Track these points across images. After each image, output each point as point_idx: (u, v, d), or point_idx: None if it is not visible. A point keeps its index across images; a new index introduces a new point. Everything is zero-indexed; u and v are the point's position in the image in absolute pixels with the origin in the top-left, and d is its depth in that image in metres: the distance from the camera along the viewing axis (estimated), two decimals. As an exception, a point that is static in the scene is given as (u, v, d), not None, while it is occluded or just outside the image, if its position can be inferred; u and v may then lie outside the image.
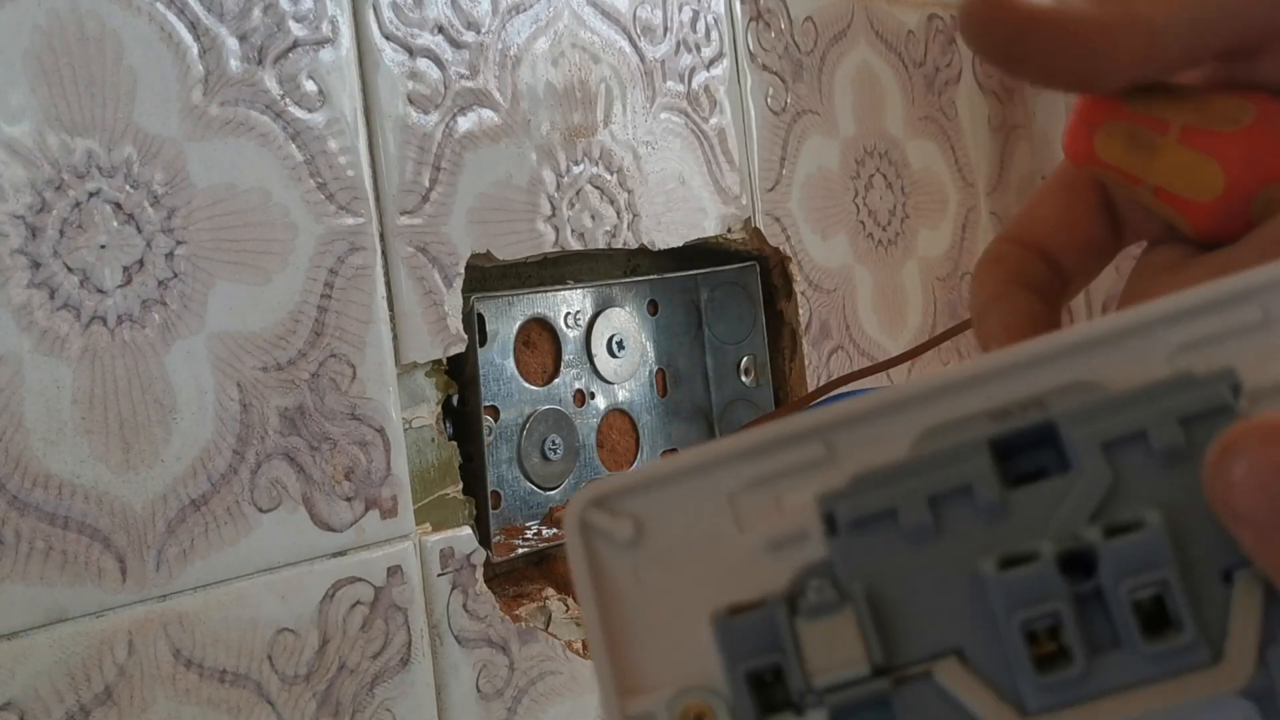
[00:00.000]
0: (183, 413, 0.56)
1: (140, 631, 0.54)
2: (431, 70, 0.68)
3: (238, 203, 0.59)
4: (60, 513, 0.52)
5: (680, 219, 0.82)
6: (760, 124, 0.88)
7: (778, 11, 0.91)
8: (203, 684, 0.56)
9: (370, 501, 0.63)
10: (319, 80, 0.62)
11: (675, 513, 0.26)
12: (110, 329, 0.54)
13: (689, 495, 0.26)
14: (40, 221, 0.52)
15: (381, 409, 0.64)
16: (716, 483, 0.26)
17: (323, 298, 0.62)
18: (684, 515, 0.25)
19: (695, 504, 0.26)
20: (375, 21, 0.65)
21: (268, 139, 0.60)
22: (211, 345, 0.57)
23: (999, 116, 1.13)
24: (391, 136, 0.66)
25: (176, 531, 0.56)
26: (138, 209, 0.55)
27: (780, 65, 0.91)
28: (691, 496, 0.26)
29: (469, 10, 0.70)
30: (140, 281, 0.55)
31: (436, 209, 0.68)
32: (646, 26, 0.81)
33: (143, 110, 0.56)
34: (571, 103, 0.75)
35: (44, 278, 0.52)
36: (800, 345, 0.90)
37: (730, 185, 0.85)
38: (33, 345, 0.52)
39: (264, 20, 0.60)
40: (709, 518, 0.26)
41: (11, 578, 0.50)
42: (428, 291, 0.67)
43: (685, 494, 0.26)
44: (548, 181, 0.74)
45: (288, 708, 0.59)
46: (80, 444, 0.53)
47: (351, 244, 0.63)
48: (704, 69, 0.85)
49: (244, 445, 0.58)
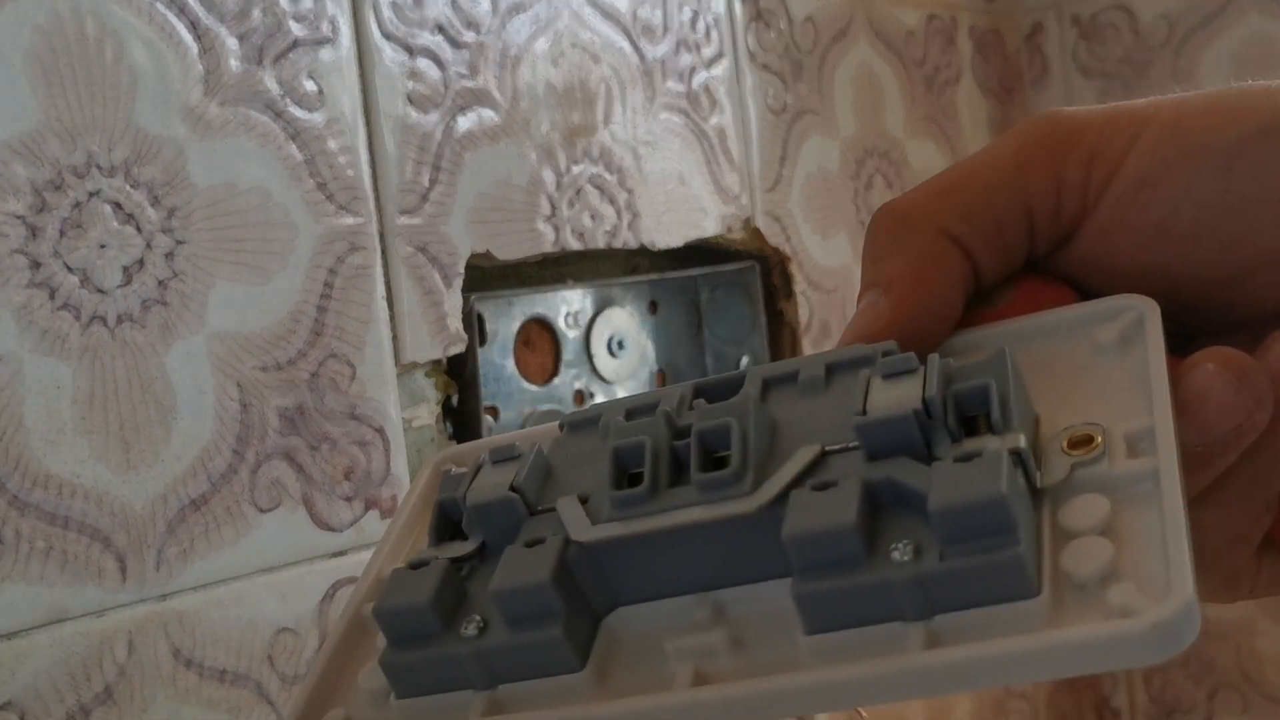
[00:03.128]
0: (183, 413, 0.56)
1: (140, 631, 0.54)
2: (431, 70, 0.68)
3: (237, 202, 0.59)
4: (60, 513, 0.52)
5: (680, 219, 0.82)
6: (760, 124, 0.88)
7: (778, 11, 0.91)
8: (203, 684, 0.56)
9: (370, 501, 0.63)
10: (319, 80, 0.62)
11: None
12: (110, 329, 0.54)
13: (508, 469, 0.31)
14: (40, 221, 0.52)
15: (381, 409, 0.64)
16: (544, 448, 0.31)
17: (322, 298, 0.62)
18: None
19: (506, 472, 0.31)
20: (375, 21, 0.65)
21: (267, 139, 0.60)
22: (211, 345, 0.57)
23: (999, 116, 1.13)
24: (391, 136, 0.66)
25: (176, 531, 0.56)
26: (138, 209, 0.55)
27: (780, 65, 0.91)
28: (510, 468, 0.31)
29: (469, 10, 0.70)
30: (140, 281, 0.55)
31: (436, 209, 0.68)
32: (646, 26, 0.81)
33: (143, 110, 0.56)
34: (571, 102, 0.75)
35: (44, 278, 0.52)
36: (800, 345, 0.90)
37: (730, 185, 0.85)
38: (33, 345, 0.52)
39: (264, 20, 0.60)
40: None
41: (11, 578, 0.50)
42: (428, 291, 0.67)
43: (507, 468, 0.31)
44: (547, 181, 0.74)
45: (288, 708, 0.59)
46: (80, 444, 0.53)
47: (351, 244, 0.63)
48: (704, 69, 0.85)
49: (244, 445, 0.58)
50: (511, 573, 0.26)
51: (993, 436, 0.24)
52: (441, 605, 0.26)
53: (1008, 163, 0.30)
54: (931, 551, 0.23)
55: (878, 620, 0.23)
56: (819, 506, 0.24)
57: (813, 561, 0.24)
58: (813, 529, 0.23)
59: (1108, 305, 0.29)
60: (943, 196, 0.30)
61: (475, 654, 0.26)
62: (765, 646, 0.25)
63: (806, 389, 0.28)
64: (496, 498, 0.27)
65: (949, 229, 0.30)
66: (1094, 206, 0.30)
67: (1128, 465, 0.25)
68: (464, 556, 0.28)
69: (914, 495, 0.24)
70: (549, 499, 0.28)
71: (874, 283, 0.30)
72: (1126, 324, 0.28)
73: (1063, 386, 0.28)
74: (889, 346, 0.28)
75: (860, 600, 0.23)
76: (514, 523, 0.27)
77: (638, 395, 0.30)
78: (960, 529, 0.23)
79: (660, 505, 0.26)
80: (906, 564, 0.23)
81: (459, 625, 0.26)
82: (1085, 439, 0.25)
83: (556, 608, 0.25)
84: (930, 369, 0.25)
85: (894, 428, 0.25)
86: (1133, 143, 0.29)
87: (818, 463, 0.25)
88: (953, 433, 0.25)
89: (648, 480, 0.26)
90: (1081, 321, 0.29)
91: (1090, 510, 0.24)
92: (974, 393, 0.25)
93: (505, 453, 0.28)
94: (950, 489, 0.23)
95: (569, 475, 0.28)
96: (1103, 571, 0.23)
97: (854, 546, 0.23)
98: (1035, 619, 0.22)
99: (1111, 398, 0.27)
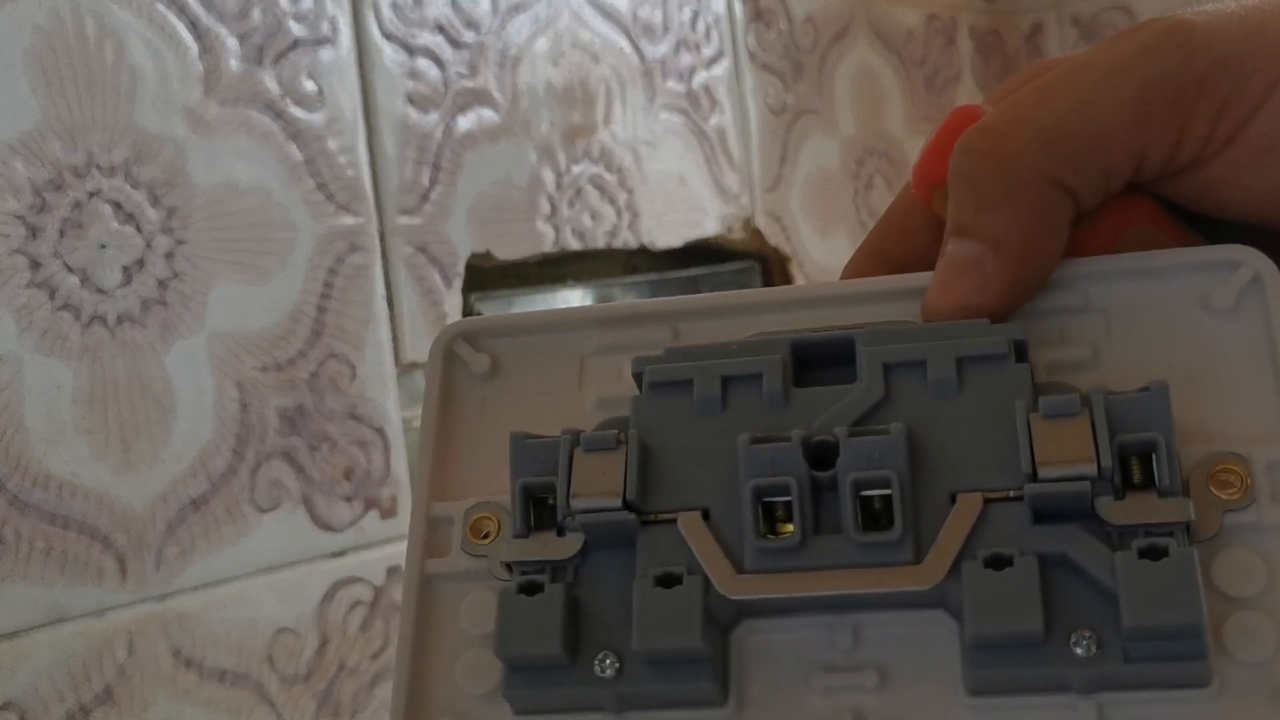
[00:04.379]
0: (182, 413, 0.56)
1: (140, 631, 0.54)
2: (431, 70, 0.68)
3: (237, 202, 0.59)
4: (60, 513, 0.52)
5: (680, 219, 0.82)
6: (760, 124, 0.88)
7: (778, 11, 0.91)
8: (203, 684, 0.56)
9: (370, 501, 0.63)
10: (319, 80, 0.62)
11: (531, 360, 0.30)
12: (110, 329, 0.54)
13: (546, 347, 0.30)
14: (40, 221, 0.52)
15: (381, 409, 0.64)
16: (572, 342, 0.29)
17: (322, 297, 0.62)
18: (537, 364, 0.29)
19: (549, 356, 0.29)
20: (375, 21, 0.65)
21: (267, 139, 0.60)
22: (211, 345, 0.57)
23: (999, 116, 1.13)
24: (391, 136, 0.66)
25: (176, 531, 0.56)
26: (137, 209, 0.55)
27: (780, 65, 0.91)
28: (549, 349, 0.30)
29: (469, 10, 0.70)
30: (140, 281, 0.55)
31: (436, 209, 0.68)
32: (646, 26, 0.81)
33: (143, 110, 0.56)
34: (571, 102, 0.75)
35: (44, 278, 0.52)
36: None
37: (730, 185, 0.85)
38: (33, 345, 0.52)
39: (263, 20, 0.60)
40: (557, 370, 0.29)
41: (11, 578, 0.50)
42: (428, 291, 0.67)
43: (543, 345, 0.30)
44: (547, 181, 0.74)
45: (288, 708, 0.59)
46: (80, 444, 0.53)
47: (351, 244, 0.63)
48: (704, 69, 0.85)
49: (244, 445, 0.58)
50: (654, 626, 0.24)
51: (1157, 497, 0.24)
52: (569, 639, 0.25)
53: (1128, 108, 0.27)
54: (1114, 648, 0.23)
55: (1046, 691, 0.23)
56: (1001, 598, 0.23)
57: (993, 643, 0.23)
58: (1001, 630, 0.23)
59: (1219, 255, 0.27)
60: (1054, 142, 0.27)
61: (614, 694, 0.25)
62: (921, 695, 0.24)
63: (939, 390, 0.26)
64: (611, 517, 0.25)
65: (1061, 179, 0.27)
66: (1212, 158, 0.27)
67: (1277, 514, 0.24)
68: (568, 560, 0.26)
69: (1093, 580, 0.23)
70: (659, 500, 0.26)
71: (975, 233, 0.27)
72: (1242, 283, 0.26)
73: (1181, 366, 0.26)
74: (1018, 336, 0.26)
75: (1034, 679, 0.23)
76: (626, 532, 0.26)
77: (723, 349, 0.27)
78: (1152, 638, 0.23)
79: (812, 559, 0.24)
80: (1090, 660, 0.23)
81: (589, 659, 0.25)
82: (1228, 472, 0.24)
83: (704, 655, 0.24)
84: (1095, 412, 0.24)
85: (1068, 496, 0.24)
86: (1268, 95, 0.27)
87: (980, 516, 0.24)
88: (1116, 487, 0.24)
89: (798, 532, 0.24)
90: (1188, 269, 0.27)
91: (1248, 575, 0.24)
92: (1142, 446, 0.24)
93: (599, 441, 0.26)
94: (1145, 602, 0.22)
95: (673, 466, 0.26)
96: (1270, 656, 0.23)
97: (1037, 637, 0.23)
98: (1205, 706, 0.23)
99: (1242, 401, 0.26)
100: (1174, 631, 0.22)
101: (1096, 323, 0.27)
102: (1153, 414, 0.24)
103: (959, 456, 0.25)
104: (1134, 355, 0.27)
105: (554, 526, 0.26)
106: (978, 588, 0.23)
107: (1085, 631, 0.23)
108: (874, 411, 0.26)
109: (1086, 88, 0.27)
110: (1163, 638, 0.22)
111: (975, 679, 0.24)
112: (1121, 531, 0.23)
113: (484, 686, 0.26)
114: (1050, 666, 0.23)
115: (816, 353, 0.27)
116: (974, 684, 0.24)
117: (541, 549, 0.26)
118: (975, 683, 0.24)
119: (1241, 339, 0.26)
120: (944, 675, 0.24)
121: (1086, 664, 0.23)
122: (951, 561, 0.24)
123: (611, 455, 0.26)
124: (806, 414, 0.26)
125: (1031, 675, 0.23)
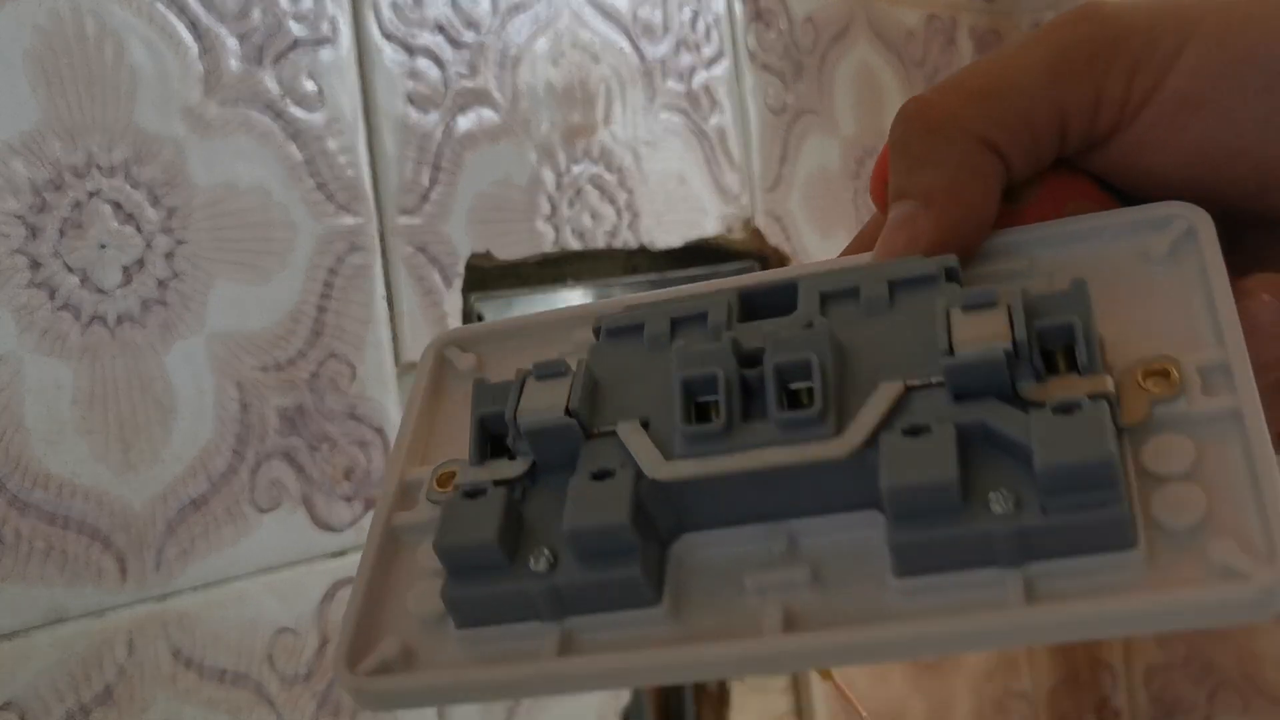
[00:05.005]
0: (182, 413, 0.56)
1: (140, 631, 0.54)
2: (431, 70, 0.68)
3: (237, 202, 0.59)
4: (60, 513, 0.52)
5: (680, 219, 0.82)
6: (760, 124, 0.88)
7: (778, 11, 0.91)
8: (202, 684, 0.56)
9: (370, 501, 0.63)
10: (319, 80, 0.62)
11: (512, 357, 0.32)
12: (110, 329, 0.54)
13: (527, 347, 0.31)
14: (40, 221, 0.52)
15: (381, 409, 0.64)
16: (552, 340, 0.31)
17: (322, 297, 0.62)
18: (517, 361, 0.30)
19: (530, 354, 0.30)
20: (375, 21, 0.65)
21: (267, 139, 0.60)
22: (211, 345, 0.57)
23: (999, 116, 1.13)
24: (391, 136, 0.66)
25: (176, 531, 0.56)
26: (137, 209, 0.55)
27: (780, 65, 0.91)
28: (529, 348, 0.31)
29: (469, 10, 0.70)
30: (140, 281, 0.55)
31: (436, 209, 0.68)
32: (646, 26, 0.81)
33: (143, 110, 0.56)
34: (571, 102, 0.75)
35: (44, 278, 0.52)
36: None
37: (730, 185, 0.85)
38: (33, 345, 0.52)
39: (263, 20, 0.60)
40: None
41: (11, 578, 0.50)
42: (428, 291, 0.67)
43: (525, 344, 0.31)
44: (547, 181, 0.74)
45: (288, 708, 0.59)
46: (80, 444, 0.53)
47: (351, 244, 0.63)
48: (704, 69, 0.85)
49: (243, 445, 0.58)
50: (585, 510, 0.25)
51: (1077, 376, 0.24)
52: (506, 538, 0.26)
53: (1045, 69, 0.29)
54: (1032, 504, 0.23)
55: (971, 565, 0.23)
56: (915, 456, 0.23)
57: (909, 511, 0.23)
58: (913, 482, 0.23)
59: (1154, 213, 0.28)
60: (978, 101, 0.29)
61: (547, 589, 0.25)
62: (851, 585, 0.25)
63: (870, 308, 0.27)
64: (552, 422, 0.26)
65: (986, 136, 0.29)
66: (1131, 121, 0.29)
67: (1206, 404, 0.24)
68: (515, 479, 0.27)
69: (1010, 443, 0.24)
70: (603, 419, 0.27)
71: (908, 193, 0.29)
72: (1176, 234, 0.27)
73: (1116, 300, 0.27)
74: (949, 263, 0.27)
75: (956, 548, 0.23)
76: (570, 447, 0.26)
77: (676, 299, 0.29)
78: (1065, 485, 0.22)
79: (738, 442, 0.25)
80: (1007, 516, 0.23)
81: (526, 557, 0.26)
82: (1160, 372, 0.25)
83: (633, 544, 0.25)
84: (1013, 302, 0.25)
85: (985, 370, 0.24)
86: (1177, 55, 0.28)
87: (902, 401, 0.25)
88: (1037, 370, 0.24)
89: (723, 416, 0.25)
90: (1126, 228, 0.28)
91: (1176, 454, 0.24)
92: (1060, 331, 0.24)
93: (550, 368, 0.27)
94: (1056, 446, 0.23)
95: (619, 391, 0.27)
96: (1197, 522, 0.23)
97: (953, 496, 0.23)
98: (1133, 571, 0.23)
99: (1173, 320, 0.26)
100: (1086, 473, 0.22)
101: (1041, 285, 0.28)
102: (1073, 304, 0.25)
103: (885, 355, 0.26)
104: None
105: (505, 452, 0.28)
106: (894, 450, 0.24)
107: (1003, 492, 0.23)
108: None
109: (1008, 56, 0.30)
110: (1076, 483, 0.22)
111: (898, 551, 0.24)
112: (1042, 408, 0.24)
113: (432, 610, 0.27)
114: (967, 525, 0.23)
115: (764, 300, 0.28)
116: (898, 558, 0.24)
117: (493, 472, 0.27)
118: (899, 556, 0.24)
119: (1177, 278, 0.27)
120: (876, 568, 0.25)
121: (1004, 520, 0.23)
122: (869, 433, 0.24)
123: (561, 380, 0.27)
124: (747, 341, 0.27)
125: (951, 538, 0.23)
